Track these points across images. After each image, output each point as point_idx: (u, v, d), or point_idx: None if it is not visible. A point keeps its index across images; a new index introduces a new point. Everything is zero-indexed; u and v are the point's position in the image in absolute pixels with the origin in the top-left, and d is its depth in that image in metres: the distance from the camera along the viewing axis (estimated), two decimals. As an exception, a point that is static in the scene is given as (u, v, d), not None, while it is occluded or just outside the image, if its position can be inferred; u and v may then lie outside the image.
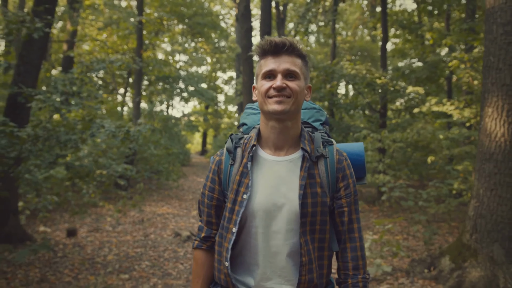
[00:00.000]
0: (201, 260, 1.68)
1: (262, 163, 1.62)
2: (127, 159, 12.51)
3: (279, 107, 1.52)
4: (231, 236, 1.56)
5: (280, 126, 1.58)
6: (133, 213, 9.57)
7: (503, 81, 4.73)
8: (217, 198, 1.67)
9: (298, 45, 1.58)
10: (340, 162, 1.64)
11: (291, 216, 1.55)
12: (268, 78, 1.57)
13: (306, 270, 1.54)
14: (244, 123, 1.87)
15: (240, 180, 1.60)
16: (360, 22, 24.22)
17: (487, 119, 4.86)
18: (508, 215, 4.72)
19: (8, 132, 4.36)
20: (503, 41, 4.75)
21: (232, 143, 1.69)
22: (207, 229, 1.69)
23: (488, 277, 4.62)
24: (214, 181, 1.68)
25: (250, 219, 1.57)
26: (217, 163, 1.69)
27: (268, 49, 1.57)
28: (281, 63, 1.55)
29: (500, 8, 4.77)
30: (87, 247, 6.62)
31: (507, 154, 4.71)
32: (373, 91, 10.77)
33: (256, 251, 1.57)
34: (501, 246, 4.71)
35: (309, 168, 1.59)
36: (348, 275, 1.62)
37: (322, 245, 1.60)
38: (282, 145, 1.62)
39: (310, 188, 1.57)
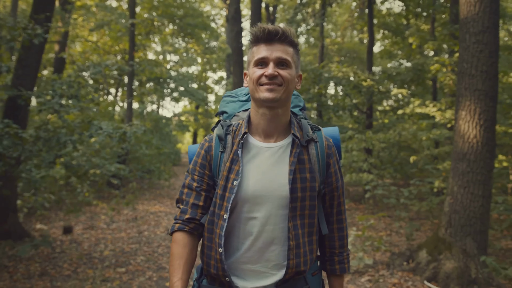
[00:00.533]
0: (183, 241, 1.62)
1: (252, 150, 1.63)
2: (119, 158, 12.76)
3: (270, 95, 1.53)
4: (223, 223, 1.56)
5: (271, 113, 1.60)
6: (126, 211, 9.84)
7: (476, 86, 5.09)
8: (207, 183, 1.67)
9: (290, 34, 1.59)
10: (329, 148, 1.69)
11: (281, 201, 1.57)
12: (260, 66, 1.58)
13: (294, 254, 1.56)
14: (224, 111, 1.87)
15: (231, 167, 1.61)
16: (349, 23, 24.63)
17: (461, 121, 5.23)
18: (479, 211, 5.08)
19: (12, 133, 4.63)
20: (475, 49, 5.11)
21: (223, 130, 1.69)
22: (191, 211, 1.66)
23: (461, 268, 4.98)
24: (204, 166, 1.67)
25: (241, 205, 1.58)
26: (206, 149, 1.68)
27: (260, 36, 1.58)
28: (273, 51, 1.56)
29: (472, 18, 5.13)
30: (84, 243, 6.89)
31: (479, 154, 5.08)
32: (360, 93, 11.13)
33: (244, 235, 1.58)
34: (473, 240, 5.08)
35: (299, 154, 1.61)
36: (334, 253, 1.73)
37: (311, 230, 1.63)
38: (272, 132, 1.64)
39: (299, 174, 1.59)
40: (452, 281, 4.94)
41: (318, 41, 22.14)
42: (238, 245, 1.59)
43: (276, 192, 1.57)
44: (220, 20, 33.51)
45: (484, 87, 5.06)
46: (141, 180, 14.66)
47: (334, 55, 22.39)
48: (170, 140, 19.94)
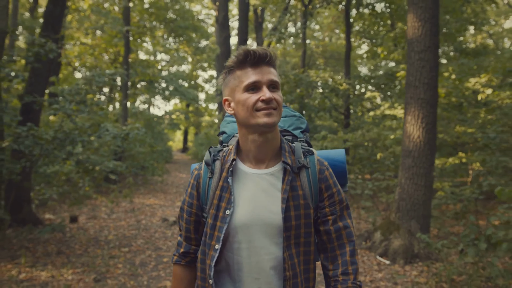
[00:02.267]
0: (180, 276, 1.66)
1: (242, 177, 1.57)
2: (115, 156, 13.73)
3: (270, 120, 1.46)
4: (214, 253, 1.51)
5: (262, 139, 1.53)
6: (124, 204, 10.83)
7: (419, 95, 6.18)
8: (196, 213, 1.63)
9: (275, 56, 1.55)
10: (321, 172, 1.60)
11: (274, 231, 1.51)
12: (252, 91, 1.49)
13: (291, 284, 1.50)
14: (223, 132, 1.83)
15: (221, 195, 1.55)
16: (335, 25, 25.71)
17: (408, 124, 6.31)
18: (422, 198, 6.18)
19: (36, 135, 5.62)
20: (418, 65, 6.19)
21: (211, 156, 1.64)
22: (186, 244, 1.66)
23: (406, 245, 6.08)
24: (193, 195, 1.63)
25: (233, 235, 1.52)
26: (195, 177, 1.65)
27: (248, 60, 1.50)
28: (263, 74, 1.49)
29: (416, 39, 6.21)
30: (89, 230, 7.89)
31: (422, 151, 6.17)
32: (337, 96, 12.23)
33: (239, 267, 1.52)
34: (417, 222, 6.17)
35: (291, 181, 1.55)
36: (337, 281, 1.54)
37: (307, 258, 1.56)
38: (263, 158, 1.57)
39: (292, 201, 1.52)
40: (398, 256, 6.03)
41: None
42: (236, 277, 1.54)
43: (268, 221, 1.51)
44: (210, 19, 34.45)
45: (426, 96, 6.15)
46: (136, 176, 15.64)
47: (319, 57, 23.47)
48: (162, 138, 20.90)
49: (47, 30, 7.81)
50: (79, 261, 5.94)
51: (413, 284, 5.19)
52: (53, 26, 7.95)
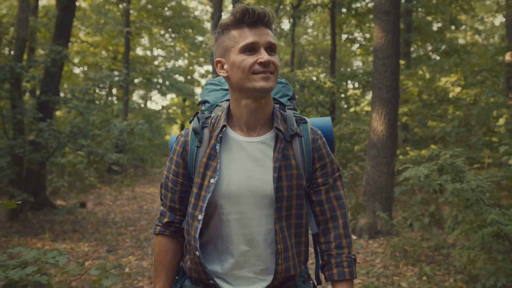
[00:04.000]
0: (164, 246, 1.57)
1: (232, 145, 1.49)
2: (117, 149, 14.75)
3: (267, 84, 1.39)
4: (197, 224, 1.45)
5: (256, 104, 1.46)
6: (127, 192, 11.88)
7: (382, 96, 7.22)
8: (182, 182, 1.55)
9: (273, 18, 1.44)
10: (315, 142, 1.53)
11: (266, 201, 1.45)
12: (249, 52, 1.40)
13: (283, 258, 1.45)
14: (206, 101, 1.75)
15: (207, 163, 1.47)
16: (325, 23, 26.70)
17: (373, 120, 7.36)
18: (384, 183, 7.22)
19: (55, 129, 6.64)
20: (382, 70, 7.22)
21: (199, 123, 1.56)
22: (170, 214, 1.57)
23: (370, 223, 7.14)
24: (179, 164, 1.55)
25: (221, 205, 1.46)
26: (182, 144, 1.55)
27: (245, 19, 1.40)
28: (262, 36, 1.40)
29: (380, 48, 7.25)
30: (98, 214, 8.93)
31: (384, 143, 7.21)
32: (321, 93, 13.27)
33: (228, 239, 1.47)
34: (380, 203, 7.23)
35: (283, 149, 1.47)
36: (331, 255, 1.50)
37: (299, 231, 1.51)
38: (254, 124, 1.50)
39: (285, 171, 1.46)
40: (364, 232, 7.10)
41: (299, 40, 24.24)
42: (223, 249, 1.48)
43: (259, 191, 1.44)
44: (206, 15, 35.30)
45: (388, 96, 7.19)
46: (136, 168, 16.67)
47: (310, 55, 24.48)
48: (159, 132, 21.90)
49: (58, 36, 8.81)
50: (92, 237, 6.98)
51: (372, 253, 6.26)
52: (64, 32, 8.95)
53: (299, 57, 24.06)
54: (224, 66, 1.47)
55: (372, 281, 5.03)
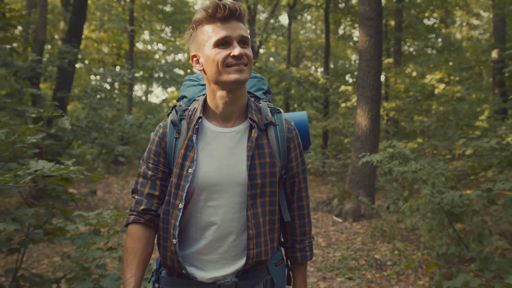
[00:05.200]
0: (138, 234, 1.53)
1: (208, 135, 1.55)
2: (122, 141, 15.58)
3: (241, 76, 1.44)
4: (178, 213, 1.49)
5: (230, 96, 1.51)
6: (132, 182, 12.70)
7: (366, 94, 8.03)
8: (163, 171, 1.58)
9: (244, 12, 1.49)
10: (290, 132, 1.61)
11: (239, 189, 1.50)
12: (222, 46, 1.45)
13: (254, 243, 1.50)
14: (184, 96, 1.78)
15: (185, 153, 1.52)
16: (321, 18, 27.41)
17: (358, 116, 8.17)
18: (367, 173, 8.06)
19: (74, 123, 7.45)
20: (365, 70, 8.03)
21: (177, 115, 1.59)
22: (147, 201, 1.55)
23: (355, 208, 7.98)
24: (159, 153, 1.58)
25: (197, 193, 1.51)
26: (161, 135, 1.59)
27: (216, 14, 1.45)
28: (234, 30, 1.45)
29: (364, 50, 8.05)
30: (108, 200, 9.77)
31: (367, 136, 8.03)
32: (316, 89, 14.09)
33: (202, 225, 1.51)
34: (363, 190, 8.07)
35: (257, 139, 1.54)
36: (295, 240, 1.67)
37: (272, 218, 1.57)
38: (229, 115, 1.55)
39: (258, 159, 1.52)
40: (349, 215, 7.94)
41: (296, 35, 24.97)
42: (196, 236, 1.53)
43: (233, 179, 1.50)
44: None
45: (371, 95, 8.00)
46: (140, 159, 17.50)
47: (306, 51, 25.24)
48: (161, 125, 22.68)
49: (71, 37, 9.60)
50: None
51: (355, 233, 7.10)
52: (76, 34, 9.73)
53: (296, 52, 24.82)
54: (200, 60, 1.53)
55: (350, 253, 5.88)
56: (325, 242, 6.60)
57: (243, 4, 1.53)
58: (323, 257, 5.82)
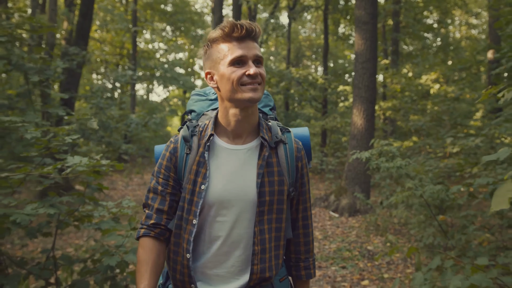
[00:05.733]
0: (149, 246, 1.56)
1: (219, 152, 1.58)
2: (125, 139, 15.96)
3: (256, 95, 1.48)
4: (192, 228, 1.52)
5: (243, 114, 1.54)
6: (136, 179, 13.09)
7: (361, 94, 8.39)
8: (173, 186, 1.60)
9: (260, 32, 1.54)
10: (298, 151, 1.65)
11: (248, 205, 1.53)
12: (237, 65, 1.48)
13: (259, 259, 1.53)
14: (192, 110, 1.81)
15: (197, 170, 1.55)
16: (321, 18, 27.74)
17: (354, 115, 8.54)
18: (363, 170, 8.43)
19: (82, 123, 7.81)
20: (361, 71, 8.39)
21: (189, 131, 1.63)
22: (156, 216, 1.59)
23: (350, 203, 8.35)
24: (169, 169, 1.60)
25: (207, 209, 1.54)
26: (172, 151, 1.62)
27: (234, 34, 1.49)
28: (249, 49, 1.49)
29: (360, 52, 8.41)
30: (114, 196, 10.14)
31: (363, 135, 8.40)
32: (314, 89, 14.46)
33: (210, 239, 1.55)
34: (359, 187, 8.44)
35: (267, 157, 1.57)
36: (300, 258, 1.70)
37: (278, 235, 1.60)
38: (241, 133, 1.59)
39: (267, 177, 1.55)
40: (345, 211, 8.32)
41: (295, 35, 25.32)
42: (204, 249, 1.57)
43: (243, 196, 1.53)
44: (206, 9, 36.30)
45: (366, 95, 8.37)
46: (142, 158, 17.89)
47: (306, 50, 25.59)
48: (163, 124, 23.08)
49: (78, 39, 9.96)
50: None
51: (350, 227, 7.48)
52: (83, 36, 10.10)
53: (296, 52, 25.18)
54: (214, 78, 1.55)
55: (345, 245, 6.26)
56: (322, 235, 6.98)
57: (258, 24, 1.58)
58: (319, 249, 6.20)
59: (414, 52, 18.79)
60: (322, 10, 15.52)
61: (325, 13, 15.35)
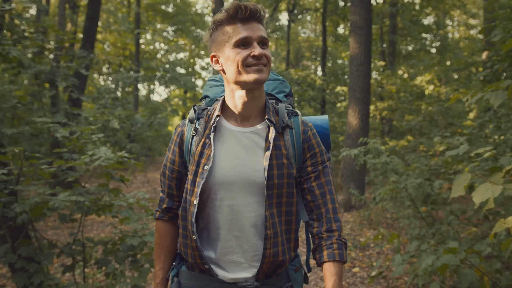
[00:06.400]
0: (164, 230, 1.66)
1: (226, 134, 1.57)
2: (129, 139, 16.39)
3: (261, 76, 1.46)
4: (193, 209, 1.52)
5: (249, 95, 1.53)
6: (140, 177, 13.51)
7: (356, 95, 8.80)
8: (178, 170, 1.62)
9: (264, 14, 1.52)
10: (305, 133, 1.60)
11: (257, 188, 1.51)
12: (242, 46, 1.47)
13: (271, 243, 1.51)
14: (206, 96, 1.79)
15: (202, 151, 1.55)
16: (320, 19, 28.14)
17: (349, 116, 8.95)
18: (357, 168, 8.84)
19: (91, 122, 8.23)
20: (356, 74, 8.80)
21: (195, 114, 1.63)
22: (168, 200, 1.66)
23: (346, 199, 8.77)
24: (175, 152, 1.62)
25: (214, 192, 1.53)
26: (179, 134, 1.63)
27: (238, 15, 1.47)
28: (254, 30, 1.47)
29: (355, 56, 8.82)
30: (119, 193, 10.57)
31: (358, 134, 8.80)
32: (313, 90, 14.88)
33: (220, 225, 1.53)
34: (354, 184, 8.85)
35: (274, 139, 1.54)
36: (321, 238, 1.53)
37: (289, 218, 1.57)
38: (248, 115, 1.57)
39: (276, 160, 1.52)
40: (340, 206, 8.71)
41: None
42: (215, 235, 1.56)
43: (250, 179, 1.51)
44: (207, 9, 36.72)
45: (361, 96, 8.78)
46: (145, 156, 18.33)
47: (306, 51, 25.99)
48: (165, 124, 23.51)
49: (85, 43, 10.38)
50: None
51: (345, 222, 7.90)
52: (90, 39, 10.51)
53: (296, 52, 25.59)
54: (219, 60, 1.54)
55: (339, 238, 6.67)
56: (318, 228, 7.40)
57: (263, 6, 1.58)
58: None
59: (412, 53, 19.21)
60: (321, 13, 15.93)
61: (323, 16, 15.76)
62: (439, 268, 3.15)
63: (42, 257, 2.84)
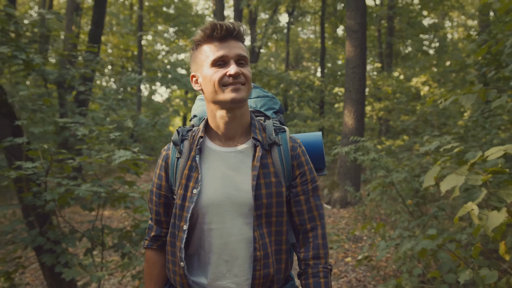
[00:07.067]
0: (153, 260, 1.62)
1: (211, 155, 1.54)
2: (131, 138, 16.77)
3: (238, 95, 1.43)
4: (183, 235, 1.47)
5: (230, 115, 1.49)
6: (143, 176, 13.89)
7: (352, 97, 9.18)
8: (165, 195, 1.58)
9: (243, 30, 1.49)
10: (294, 149, 1.57)
11: (245, 209, 1.47)
12: (219, 65, 1.45)
13: (261, 265, 1.47)
14: (195, 115, 1.76)
15: (189, 174, 1.51)
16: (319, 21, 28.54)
17: (345, 116, 9.33)
18: (353, 166, 9.22)
19: (97, 122, 8.61)
20: (351, 76, 9.18)
21: (179, 136, 1.59)
22: (156, 228, 1.62)
23: (342, 196, 9.15)
24: (161, 177, 1.58)
25: (202, 216, 1.48)
26: (164, 158, 1.59)
27: (214, 34, 1.45)
28: (231, 49, 1.45)
29: (350, 59, 9.20)
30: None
31: (353, 134, 9.17)
32: (312, 91, 15.27)
33: (210, 249, 1.49)
34: (350, 181, 9.23)
35: (261, 158, 1.51)
36: (308, 265, 1.53)
37: (279, 239, 1.52)
38: (232, 135, 1.54)
39: (263, 179, 1.49)
40: (337, 203, 9.12)
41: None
42: (206, 259, 1.51)
43: (238, 200, 1.47)
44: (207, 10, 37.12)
45: (356, 97, 9.16)
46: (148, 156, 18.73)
47: (305, 52, 26.40)
48: (167, 124, 23.90)
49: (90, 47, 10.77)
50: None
51: (341, 217, 8.28)
52: (95, 43, 10.90)
53: (295, 54, 25.98)
54: (198, 80, 1.52)
55: (334, 231, 7.06)
56: (315, 223, 7.78)
57: (242, 24, 1.54)
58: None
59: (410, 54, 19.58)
60: (320, 16, 16.32)
61: (321, 18, 16.15)
62: (419, 252, 3.53)
63: (66, 240, 3.23)
